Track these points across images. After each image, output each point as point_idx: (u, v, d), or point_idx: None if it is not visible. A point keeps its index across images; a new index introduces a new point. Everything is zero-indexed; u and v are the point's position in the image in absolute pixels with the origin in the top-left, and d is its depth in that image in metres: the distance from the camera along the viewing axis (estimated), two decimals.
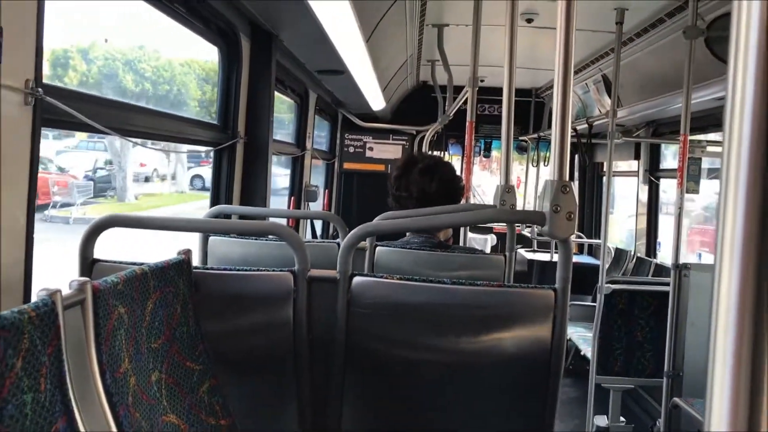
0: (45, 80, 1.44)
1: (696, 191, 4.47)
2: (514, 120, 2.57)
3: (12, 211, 1.41)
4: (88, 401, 1.06)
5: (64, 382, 0.97)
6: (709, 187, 5.01)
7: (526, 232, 7.15)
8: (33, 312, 0.92)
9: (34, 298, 0.98)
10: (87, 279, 1.10)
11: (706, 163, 4.69)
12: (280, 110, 4.73)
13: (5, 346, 0.86)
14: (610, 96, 4.66)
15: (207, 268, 1.58)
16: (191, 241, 2.22)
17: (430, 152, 6.09)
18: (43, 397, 0.92)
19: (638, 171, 5.78)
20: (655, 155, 5.68)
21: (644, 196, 5.70)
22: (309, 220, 5.16)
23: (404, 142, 7.08)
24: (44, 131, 1.48)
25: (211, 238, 2.34)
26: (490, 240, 7.47)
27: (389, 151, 7.11)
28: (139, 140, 2.20)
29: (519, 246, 7.16)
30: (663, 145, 5.62)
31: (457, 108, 5.00)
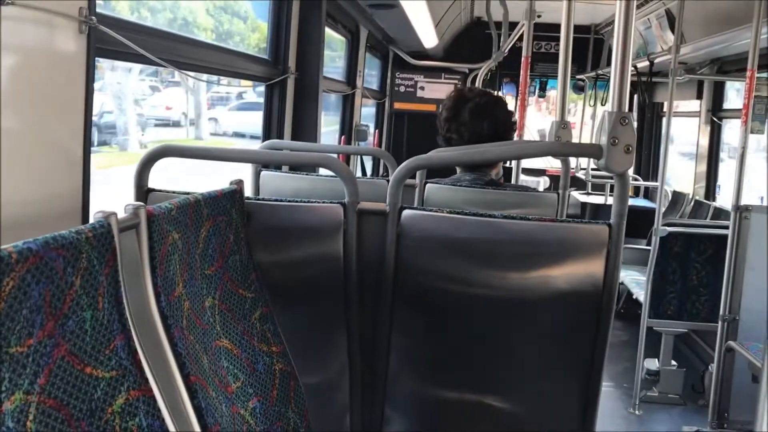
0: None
1: (761, 131, 4.28)
2: (571, 57, 2.49)
3: (69, 140, 1.44)
4: (144, 322, 1.09)
5: (120, 302, 1.00)
6: None
7: (581, 174, 7.01)
8: (90, 232, 0.94)
9: None
10: (141, 204, 1.12)
11: None
12: (330, 47, 4.69)
13: (64, 264, 0.88)
14: (673, 32, 4.45)
15: (259, 199, 1.59)
16: (244, 175, 2.24)
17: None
18: (101, 315, 0.95)
19: (700, 111, 5.57)
20: (718, 95, 5.46)
21: (705, 138, 5.51)
22: (359, 159, 5.16)
23: (457, 81, 6.95)
24: None
25: (263, 173, 2.36)
26: (543, 182, 7.37)
27: (441, 90, 7.00)
28: (191, 73, 2.20)
29: (573, 188, 7.04)
30: (727, 86, 5.39)
31: (512, 44, 4.86)
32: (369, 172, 5.74)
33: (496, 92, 7.34)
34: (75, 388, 0.89)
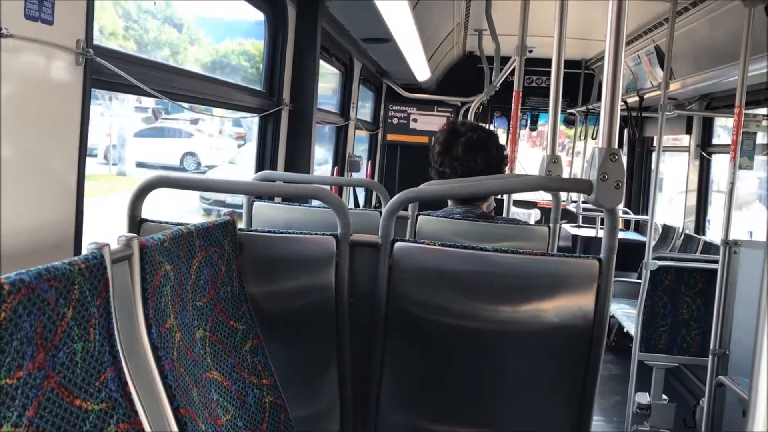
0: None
1: (750, 167, 4.33)
2: (562, 92, 2.52)
3: (63, 170, 1.44)
4: (135, 353, 1.09)
5: (112, 334, 1.00)
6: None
7: (572, 207, 7.06)
8: (83, 264, 0.95)
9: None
10: (134, 235, 1.12)
11: (760, 139, 4.54)
12: (324, 80, 4.72)
13: (57, 295, 0.89)
14: (662, 68, 4.52)
15: (251, 230, 1.60)
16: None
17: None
18: (92, 347, 0.95)
19: (689, 146, 5.64)
20: (707, 130, 5.52)
21: (694, 172, 5.56)
22: (352, 191, 5.18)
23: (449, 114, 7.02)
24: None
25: (256, 204, 2.37)
26: (534, 215, 7.39)
27: (433, 123, 7.06)
28: (186, 104, 2.22)
29: (563, 221, 7.08)
30: (715, 121, 5.46)
31: (503, 79, 4.93)
32: (362, 202, 5.76)
33: (488, 125, 7.41)
34: (64, 420, 0.88)
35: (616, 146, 1.47)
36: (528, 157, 7.62)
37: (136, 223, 1.53)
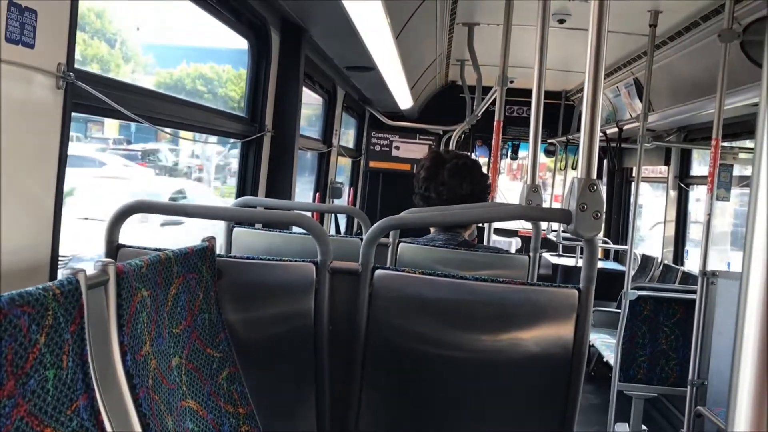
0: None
1: (726, 198, 4.39)
2: (543, 122, 2.55)
3: (41, 194, 1.43)
4: (109, 381, 1.07)
5: (85, 361, 0.98)
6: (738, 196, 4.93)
7: (552, 236, 7.10)
8: (57, 289, 0.93)
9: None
10: (111, 260, 1.11)
11: (737, 171, 4.61)
12: (307, 107, 4.74)
13: (29, 321, 0.87)
14: (641, 100, 4.60)
15: (230, 256, 1.59)
16: (216, 232, 2.23)
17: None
18: (65, 374, 0.93)
19: (668, 177, 5.71)
20: (685, 161, 5.60)
21: (673, 203, 5.63)
22: (333, 218, 5.18)
23: (431, 142, 7.06)
24: None
25: (236, 229, 2.36)
26: (515, 243, 7.42)
27: (415, 150, 7.09)
28: (168, 129, 2.21)
29: (544, 250, 7.11)
30: (693, 152, 5.54)
31: (485, 108, 4.97)
32: (343, 229, 5.75)
33: (470, 154, 7.46)
34: None
35: (595, 177, 1.48)
36: (510, 191, 7.67)
37: (113, 248, 1.52)
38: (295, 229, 2.47)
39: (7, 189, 1.33)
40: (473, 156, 7.60)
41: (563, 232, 6.82)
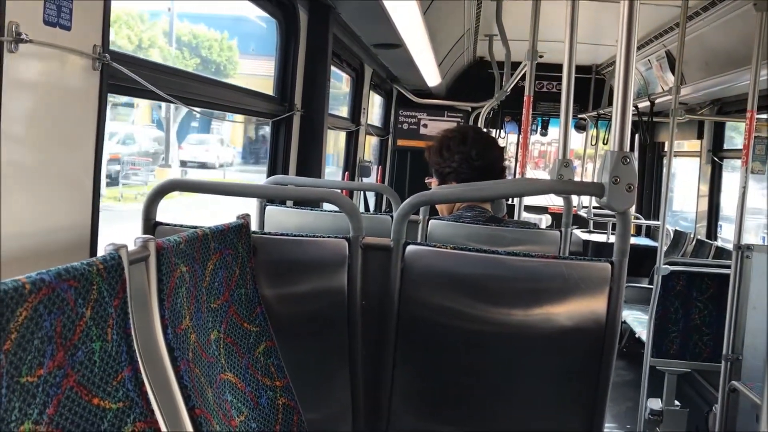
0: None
1: (762, 172, 4.32)
2: (573, 97, 2.53)
3: (80, 173, 1.46)
4: (151, 354, 1.10)
5: (129, 334, 1.01)
6: None
7: (582, 212, 7.04)
8: (101, 264, 0.96)
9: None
10: (151, 237, 1.14)
11: None
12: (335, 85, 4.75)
13: (76, 295, 0.90)
14: (673, 73, 4.52)
15: (265, 233, 1.61)
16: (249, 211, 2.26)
17: (485, 130, 6.03)
18: (110, 347, 0.96)
19: (701, 151, 5.62)
20: (719, 135, 5.50)
21: (706, 177, 5.54)
22: (362, 196, 5.19)
23: (459, 119, 7.02)
24: None
25: (268, 208, 2.38)
26: (545, 220, 7.38)
27: (443, 128, 7.05)
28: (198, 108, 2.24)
29: (575, 226, 7.05)
30: (727, 125, 5.44)
31: (514, 84, 4.93)
32: (372, 207, 5.77)
33: (498, 131, 7.41)
34: (82, 419, 0.90)
35: (628, 150, 1.47)
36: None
37: (150, 226, 1.55)
38: (326, 206, 2.49)
39: (48, 169, 1.37)
40: (502, 133, 7.55)
41: (594, 207, 6.75)
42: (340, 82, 4.74)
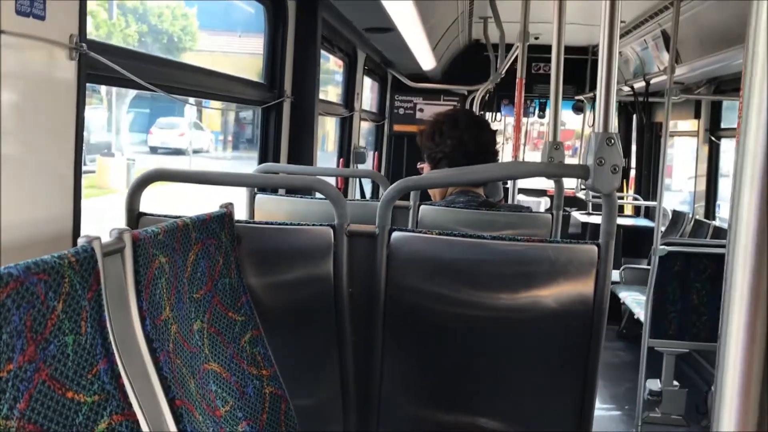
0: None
1: None
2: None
3: (60, 165, 1.45)
4: (129, 345, 1.10)
5: (104, 327, 1.00)
6: None
7: (581, 194, 7.02)
8: (73, 257, 0.95)
9: None
10: (126, 228, 1.13)
11: None
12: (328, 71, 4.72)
13: (46, 288, 0.89)
14: (669, 52, 4.48)
15: (249, 222, 1.60)
16: (239, 199, 2.25)
17: (481, 113, 6.00)
18: (83, 340, 0.96)
19: (698, 131, 5.59)
20: (716, 114, 5.47)
21: (703, 157, 5.51)
22: (358, 182, 5.17)
23: (455, 103, 6.98)
24: None
25: (258, 196, 2.37)
26: (544, 203, 7.37)
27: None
28: (182, 97, 2.22)
29: (574, 209, 7.04)
30: (725, 104, 5.41)
31: (508, 66, 4.90)
32: (368, 194, 5.75)
33: (494, 114, 7.37)
34: (56, 413, 0.89)
35: (614, 130, 1.46)
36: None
37: (134, 217, 1.54)
38: (317, 194, 2.48)
39: (27, 162, 1.35)
40: (498, 116, 7.52)
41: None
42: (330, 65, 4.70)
